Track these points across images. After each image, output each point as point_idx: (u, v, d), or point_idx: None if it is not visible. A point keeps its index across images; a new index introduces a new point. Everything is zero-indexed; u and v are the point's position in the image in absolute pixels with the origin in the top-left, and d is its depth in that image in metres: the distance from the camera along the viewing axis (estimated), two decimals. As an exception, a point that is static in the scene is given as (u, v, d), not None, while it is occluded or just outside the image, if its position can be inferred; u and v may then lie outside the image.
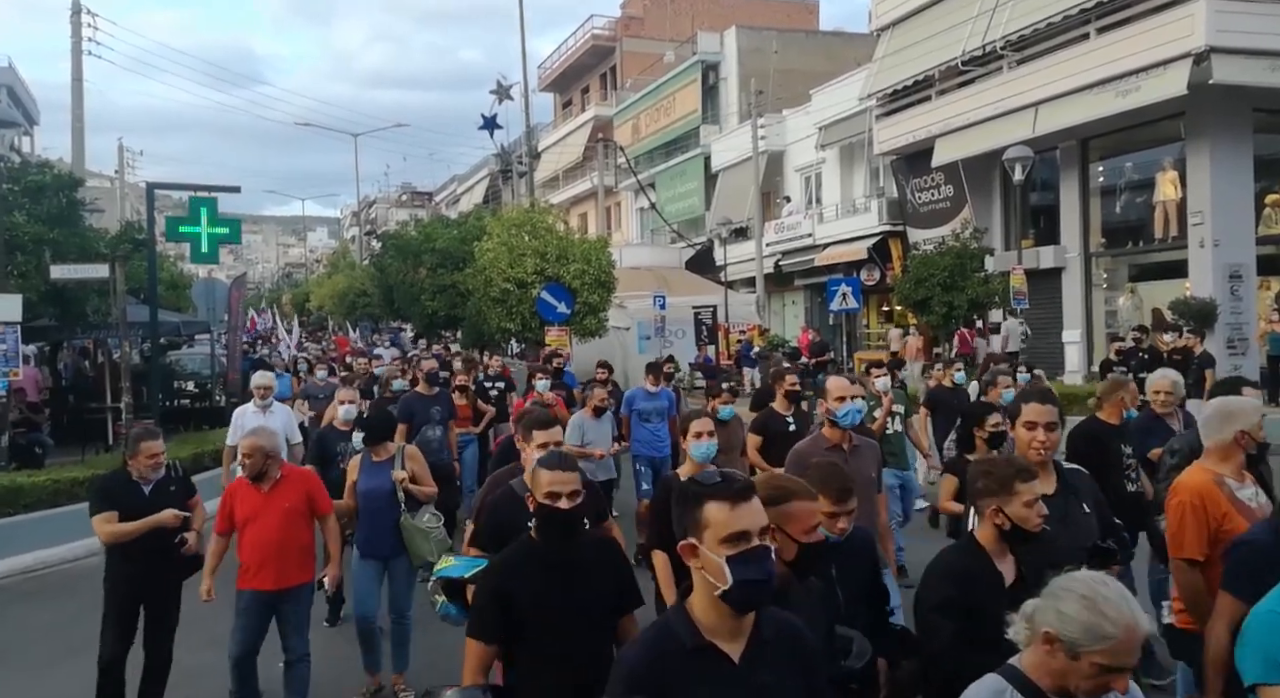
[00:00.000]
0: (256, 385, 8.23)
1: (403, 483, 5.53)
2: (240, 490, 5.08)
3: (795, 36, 35.42)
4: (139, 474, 5.06)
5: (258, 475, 5.04)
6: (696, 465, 4.53)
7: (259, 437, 5.10)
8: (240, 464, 5.09)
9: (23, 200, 12.95)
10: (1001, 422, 5.00)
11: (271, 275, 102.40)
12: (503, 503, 3.81)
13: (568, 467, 3.10)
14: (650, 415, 8.87)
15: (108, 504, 5.03)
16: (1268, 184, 17.35)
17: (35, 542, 9.10)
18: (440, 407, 8.74)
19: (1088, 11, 16.81)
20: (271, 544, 4.96)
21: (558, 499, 2.99)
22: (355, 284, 37.69)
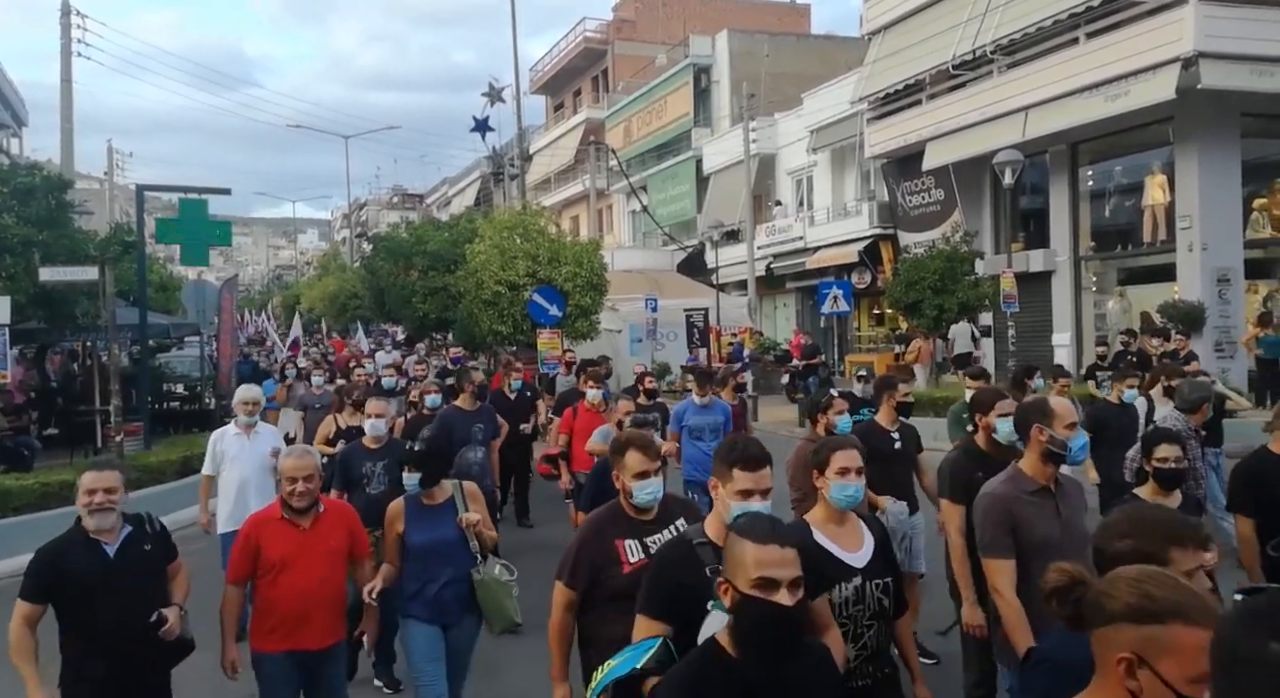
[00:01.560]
0: (242, 401, 6.89)
1: (476, 528, 4.49)
2: (270, 526, 4.09)
3: (787, 40, 35.53)
4: (94, 524, 3.71)
5: (304, 508, 4.07)
6: (833, 511, 3.21)
7: (311, 456, 4.20)
8: (287, 494, 4.07)
9: (11, 202, 12.87)
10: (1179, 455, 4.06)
11: (262, 277, 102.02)
12: (679, 558, 2.88)
13: (787, 540, 2.18)
14: (703, 432, 7.67)
15: (39, 585, 3.66)
16: (1255, 188, 17.47)
17: (23, 545, 9.00)
18: (483, 424, 7.77)
19: (1077, 16, 16.91)
20: (314, 595, 4.04)
21: (773, 590, 2.11)
22: (346, 286, 37.59)
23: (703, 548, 2.85)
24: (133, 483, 10.53)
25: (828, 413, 5.68)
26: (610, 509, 3.43)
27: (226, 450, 6.77)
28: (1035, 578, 3.16)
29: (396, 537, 4.48)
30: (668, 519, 3.39)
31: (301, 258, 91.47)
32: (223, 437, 6.89)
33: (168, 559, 4.00)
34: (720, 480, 2.90)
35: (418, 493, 4.53)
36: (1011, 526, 3.49)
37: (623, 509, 3.38)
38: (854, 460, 3.22)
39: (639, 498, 3.30)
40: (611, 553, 3.27)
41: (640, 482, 3.28)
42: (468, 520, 4.48)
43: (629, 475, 3.29)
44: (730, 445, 2.98)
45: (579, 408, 8.21)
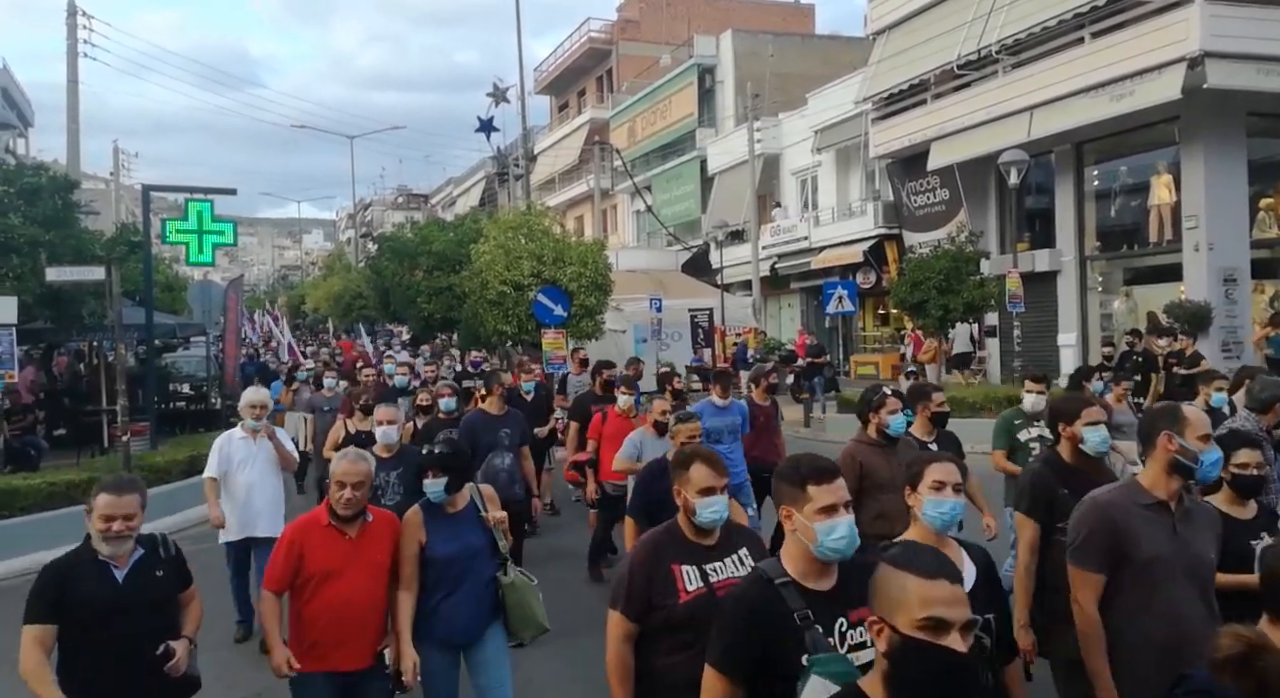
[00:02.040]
0: (249, 404, 6.59)
1: (503, 525, 4.17)
2: (315, 534, 3.79)
3: (791, 40, 35.51)
4: (108, 550, 3.43)
5: (351, 516, 3.81)
6: (927, 532, 2.93)
7: (366, 461, 3.89)
8: (335, 500, 3.80)
9: (18, 203, 12.92)
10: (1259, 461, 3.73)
11: (267, 277, 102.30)
12: (759, 600, 2.47)
13: (956, 575, 1.90)
14: (721, 434, 7.34)
15: (46, 604, 3.39)
16: (1261, 188, 17.42)
17: (31, 544, 9.08)
18: (511, 429, 7.35)
19: (1082, 16, 16.88)
20: (360, 610, 3.77)
21: (944, 633, 1.81)
22: (351, 286, 37.64)
23: (786, 588, 2.46)
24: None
25: (879, 412, 5.15)
26: (667, 529, 3.13)
27: (233, 455, 6.48)
28: (1129, 597, 3.15)
29: (416, 551, 4.00)
30: (730, 547, 3.09)
31: (306, 258, 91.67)
32: (229, 441, 6.55)
33: (180, 586, 3.70)
34: (793, 505, 2.52)
35: (442, 500, 4.07)
36: (1114, 538, 3.14)
37: (681, 530, 3.08)
38: (951, 475, 2.95)
39: (703, 517, 3.00)
40: (668, 579, 2.99)
41: (705, 499, 2.98)
42: (495, 519, 4.13)
43: (693, 491, 3.00)
44: (793, 463, 2.62)
45: (608, 413, 7.89)
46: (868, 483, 4.93)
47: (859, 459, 5.07)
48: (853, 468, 4.93)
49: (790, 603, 2.43)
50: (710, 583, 2.98)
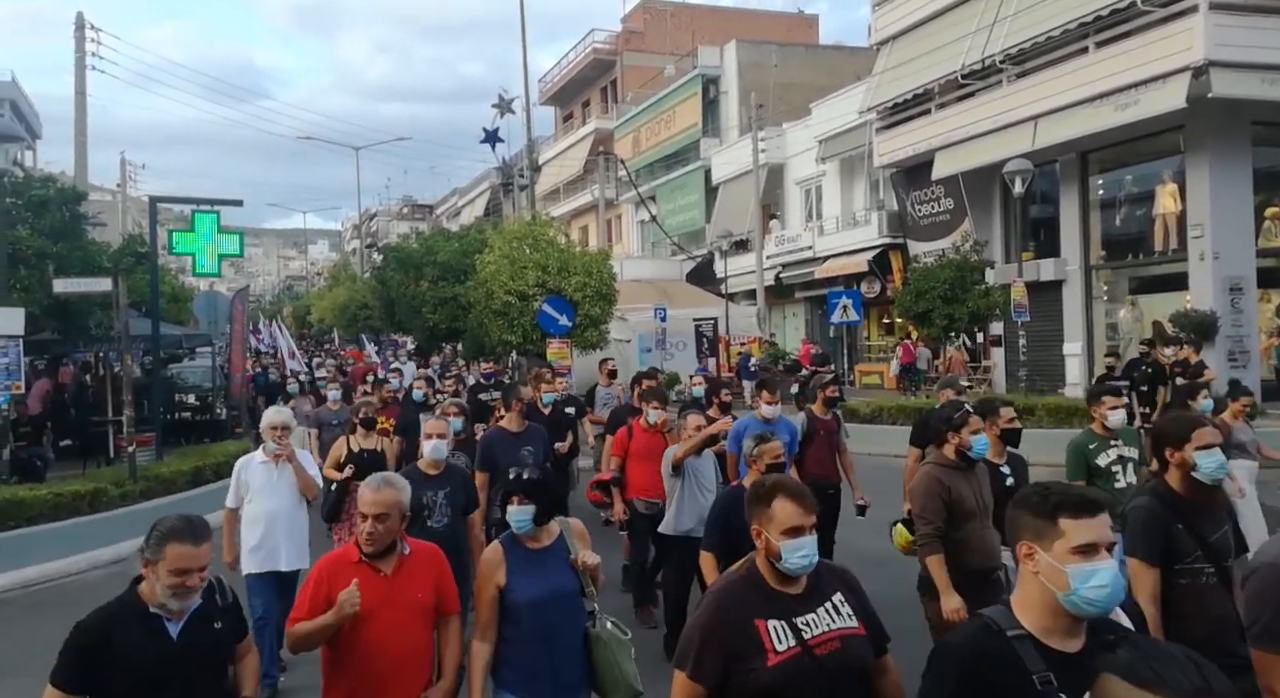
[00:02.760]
0: (270, 425, 5.97)
1: (595, 571, 3.56)
2: (345, 572, 3.30)
3: (795, 50, 35.59)
4: (162, 602, 2.91)
5: (385, 550, 3.33)
6: None
7: (394, 489, 3.38)
8: (363, 535, 3.31)
9: (26, 214, 12.97)
10: None
11: (272, 288, 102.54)
12: (990, 655, 2.08)
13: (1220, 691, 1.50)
14: None
15: (80, 671, 2.90)
16: (1267, 197, 17.40)
17: (37, 555, 9.09)
18: (534, 447, 6.79)
19: (1086, 26, 16.90)
20: (399, 656, 3.29)
21: None
22: (356, 297, 37.73)
23: (1022, 644, 2.06)
24: (144, 493, 10.64)
25: (961, 432, 4.59)
26: (745, 578, 2.67)
27: (251, 481, 5.91)
28: None
29: (495, 594, 3.44)
30: (822, 593, 2.65)
31: (312, 268, 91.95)
32: (248, 466, 5.95)
33: (237, 638, 3.20)
34: (1037, 542, 2.10)
35: (528, 532, 3.54)
36: None
37: (762, 576, 2.64)
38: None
39: (790, 562, 2.56)
40: (751, 637, 2.53)
41: (793, 541, 2.56)
42: (586, 563, 3.52)
43: (776, 531, 2.58)
44: (1041, 490, 2.18)
45: (634, 428, 7.19)
46: (955, 510, 4.43)
47: (946, 483, 4.50)
48: (939, 493, 4.47)
49: (1029, 664, 2.01)
50: (805, 641, 2.52)
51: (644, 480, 6.82)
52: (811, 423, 7.17)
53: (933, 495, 4.47)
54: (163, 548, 2.89)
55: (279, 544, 5.88)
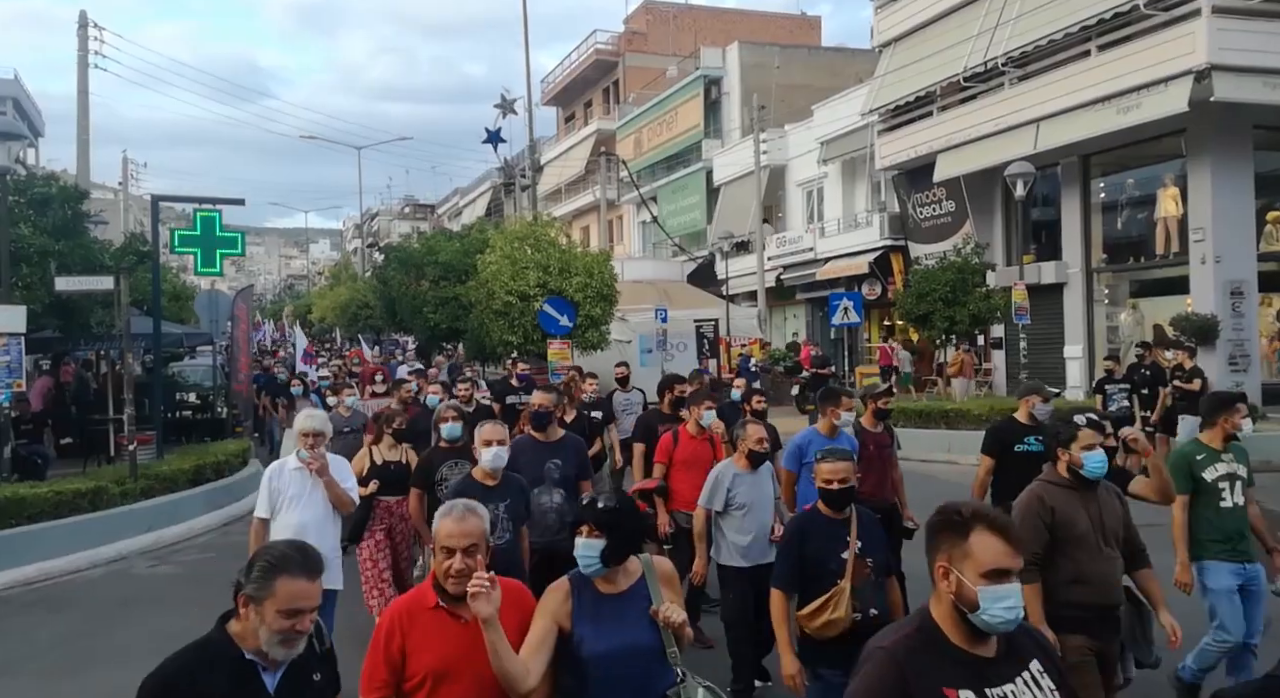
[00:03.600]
0: (302, 432, 5.39)
1: (680, 628, 2.96)
2: (421, 620, 2.82)
3: (798, 52, 35.62)
4: (264, 649, 2.44)
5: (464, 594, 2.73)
6: None
7: (478, 517, 2.90)
8: (441, 573, 2.83)
9: (28, 212, 12.98)
10: None
11: (273, 287, 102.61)
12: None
13: None
14: None
15: None
16: (1269, 201, 17.39)
17: (38, 553, 9.10)
18: (563, 460, 5.84)
19: (1089, 29, 16.90)
20: None
21: None
22: (357, 296, 37.77)
23: None
24: (144, 492, 10.66)
25: (1071, 447, 4.06)
26: (919, 632, 2.14)
27: (284, 489, 5.37)
28: None
29: (552, 630, 2.91)
30: (1018, 658, 2.15)
31: (313, 267, 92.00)
32: (280, 472, 5.42)
33: (335, 690, 2.73)
34: None
35: (597, 573, 2.98)
36: None
37: (942, 634, 2.12)
38: None
39: (991, 615, 2.05)
40: None
41: (996, 587, 2.05)
42: (668, 618, 2.91)
43: (974, 573, 2.06)
44: None
45: (679, 435, 6.63)
46: (1061, 535, 3.93)
47: (1050, 504, 3.99)
48: (1040, 515, 3.96)
49: None
50: None
51: (689, 491, 6.13)
52: (860, 436, 6.44)
53: (1030, 517, 3.95)
54: (271, 583, 2.39)
55: None
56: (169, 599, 8.27)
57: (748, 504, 5.37)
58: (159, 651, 2.82)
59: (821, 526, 4.11)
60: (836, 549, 4.02)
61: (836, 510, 4.09)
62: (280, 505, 5.35)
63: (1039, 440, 5.72)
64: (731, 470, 5.48)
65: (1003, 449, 6.03)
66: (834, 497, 4.07)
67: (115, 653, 6.77)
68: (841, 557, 3.99)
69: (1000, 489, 5.87)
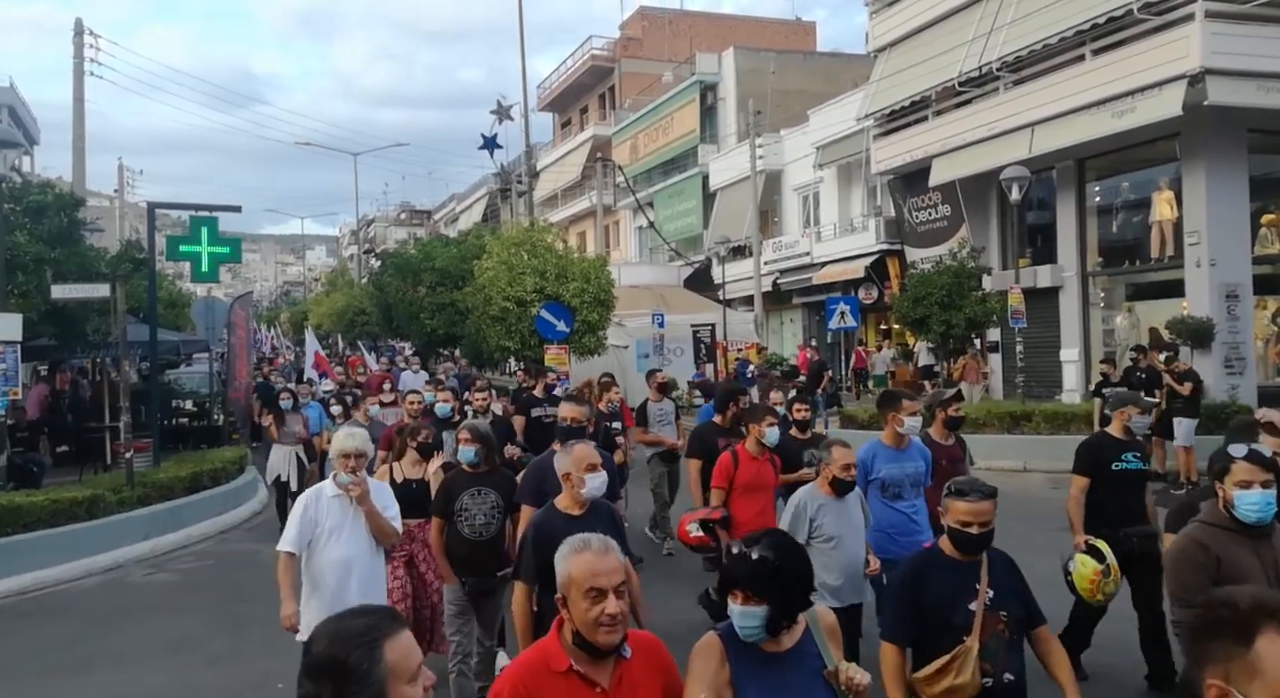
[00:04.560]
0: (341, 452, 4.72)
1: (863, 693, 2.55)
2: (546, 686, 2.37)
3: (793, 57, 35.71)
4: None
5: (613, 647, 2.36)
6: None
7: (613, 552, 2.43)
8: (588, 624, 2.35)
9: (24, 220, 12.99)
10: None
11: (270, 294, 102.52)
12: None
13: None
14: (901, 487, 5.45)
15: None
16: (1263, 204, 17.44)
17: (33, 562, 9.08)
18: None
19: (1083, 33, 16.96)
20: None
21: None
22: (354, 302, 37.76)
23: None
24: (141, 500, 10.63)
25: (1225, 482, 3.50)
26: None
27: (321, 518, 4.63)
28: None
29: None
30: None
31: (310, 274, 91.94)
32: (317, 499, 4.69)
33: None
34: None
35: (759, 639, 2.52)
36: None
37: None
38: None
39: None
40: None
41: None
42: (851, 680, 2.51)
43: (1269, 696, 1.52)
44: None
45: (739, 454, 5.87)
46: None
47: (1214, 551, 3.40)
48: (1205, 565, 3.39)
49: None
50: None
51: (753, 519, 5.52)
52: (930, 450, 5.75)
53: (1191, 568, 3.39)
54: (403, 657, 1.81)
55: (351, 601, 4.36)
56: (166, 607, 8.26)
57: (836, 536, 4.75)
58: (156, 658, 2.79)
59: (945, 569, 3.38)
60: (963, 599, 3.32)
61: (968, 554, 3.38)
62: (318, 539, 4.61)
63: (1138, 457, 5.37)
64: (815, 498, 4.80)
65: (1098, 468, 5.37)
66: (970, 542, 3.34)
67: (112, 661, 6.76)
68: (968, 608, 3.29)
69: (1097, 513, 5.36)
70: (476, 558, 5.30)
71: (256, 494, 13.02)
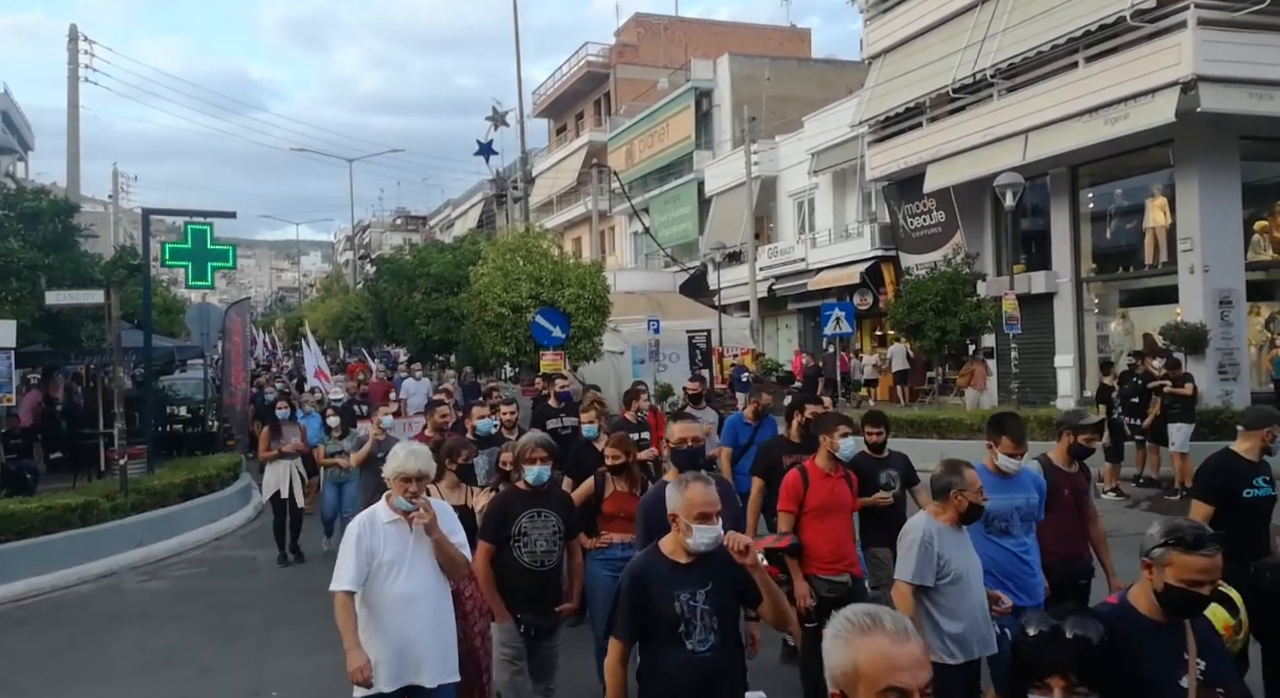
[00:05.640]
0: (400, 475, 3.98)
1: None
2: None
3: (788, 64, 35.82)
4: None
5: None
6: None
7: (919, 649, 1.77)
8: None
9: (18, 226, 12.94)
10: None
11: (265, 299, 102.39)
12: None
13: None
14: (1009, 520, 4.63)
15: None
16: (1256, 210, 17.51)
17: (27, 569, 9.04)
18: None
19: (1076, 41, 17.03)
20: None
21: None
22: (349, 308, 37.70)
23: None
24: (135, 506, 10.59)
25: None
26: None
27: (379, 549, 3.96)
28: None
29: None
30: None
31: (304, 280, 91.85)
32: (372, 526, 4.01)
33: None
34: None
35: None
36: None
37: None
38: None
39: None
40: None
41: None
42: None
43: None
44: None
45: (808, 472, 5.17)
46: None
47: None
48: None
49: None
50: None
51: (828, 546, 4.99)
52: (1051, 477, 4.93)
53: None
54: None
55: (420, 645, 3.96)
56: (159, 615, 8.23)
57: (961, 576, 3.99)
58: (149, 665, 2.80)
59: (1149, 635, 2.73)
60: (1171, 673, 2.71)
61: (1179, 618, 2.74)
62: (376, 572, 3.95)
63: (1267, 482, 4.69)
64: (938, 529, 4.04)
65: (1228, 496, 4.60)
66: (1195, 604, 2.71)
67: (105, 668, 6.73)
68: (1179, 684, 2.68)
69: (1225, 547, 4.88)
70: (537, 591, 4.59)
71: (251, 501, 12.99)
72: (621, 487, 5.40)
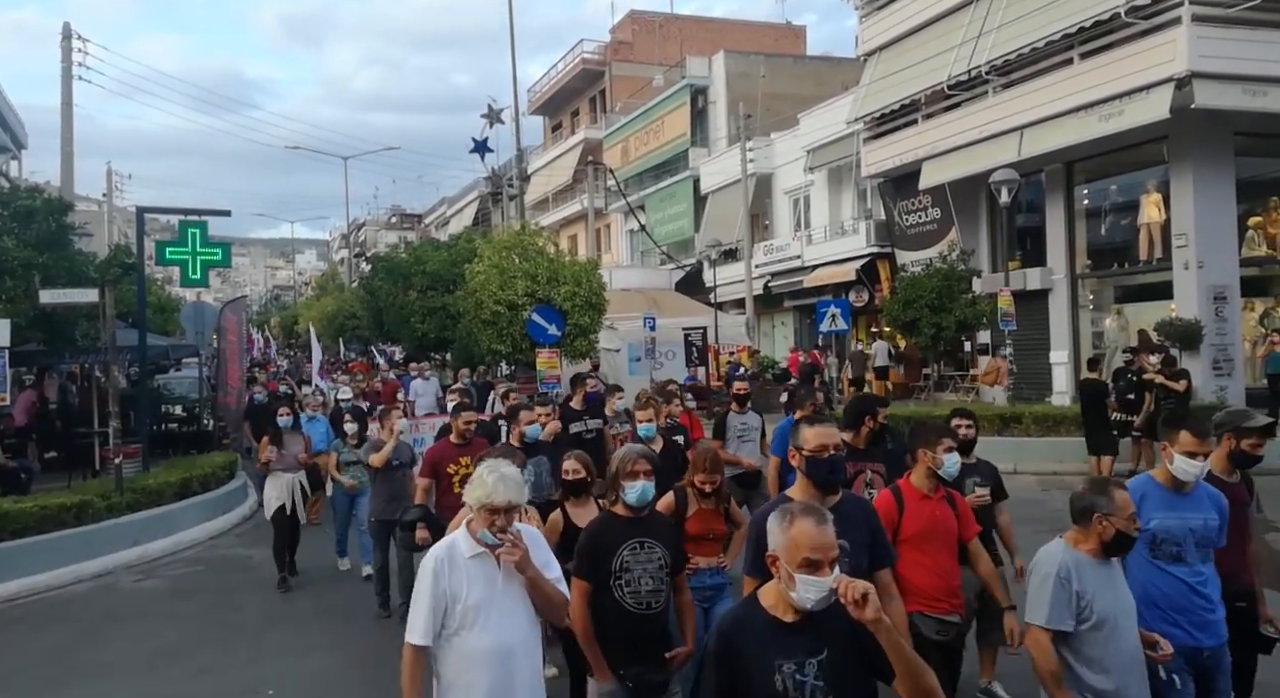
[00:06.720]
0: (489, 505, 3.27)
1: None
2: None
3: (783, 61, 35.82)
4: None
5: None
6: None
7: None
8: None
9: (12, 225, 12.92)
10: None
11: (260, 298, 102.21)
12: None
13: None
14: (1183, 546, 3.91)
15: None
16: (1250, 206, 17.56)
17: (22, 569, 9.02)
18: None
19: (1071, 37, 17.05)
20: None
21: None
22: (344, 306, 37.65)
23: None
24: (130, 505, 10.57)
25: None
26: None
27: (461, 591, 3.27)
28: None
29: None
30: None
31: (299, 278, 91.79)
32: (450, 560, 3.32)
33: None
34: None
35: None
36: None
37: None
38: None
39: None
40: None
41: None
42: None
43: None
44: None
45: (903, 492, 4.46)
46: None
47: None
48: None
49: None
50: None
51: (930, 580, 4.31)
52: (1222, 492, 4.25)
53: None
54: None
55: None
56: (155, 614, 8.22)
57: (1107, 619, 3.31)
58: (145, 667, 2.80)
59: None
60: None
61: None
62: (454, 618, 3.26)
63: None
64: (1077, 560, 3.37)
65: None
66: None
67: (101, 668, 6.72)
68: None
69: None
70: (643, 641, 3.78)
71: (247, 500, 12.97)
72: (708, 505, 4.58)
